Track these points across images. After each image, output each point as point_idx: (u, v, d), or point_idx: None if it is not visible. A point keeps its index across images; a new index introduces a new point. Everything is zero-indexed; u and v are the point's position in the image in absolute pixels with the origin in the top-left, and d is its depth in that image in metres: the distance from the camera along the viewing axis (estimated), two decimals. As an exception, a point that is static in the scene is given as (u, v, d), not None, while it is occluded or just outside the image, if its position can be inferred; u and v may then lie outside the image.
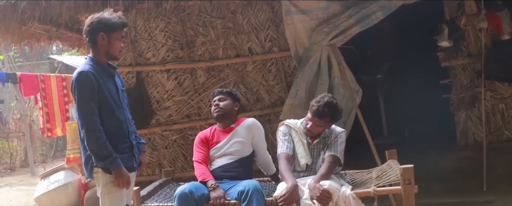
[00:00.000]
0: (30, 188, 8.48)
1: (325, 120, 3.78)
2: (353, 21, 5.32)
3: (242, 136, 4.01)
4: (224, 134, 4.05)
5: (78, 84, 3.13)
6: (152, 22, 6.04)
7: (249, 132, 4.03)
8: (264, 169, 4.22)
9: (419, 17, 6.89)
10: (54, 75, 9.38)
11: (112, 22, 3.22)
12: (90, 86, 3.12)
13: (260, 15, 5.91)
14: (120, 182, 3.16)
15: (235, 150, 3.97)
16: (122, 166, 3.15)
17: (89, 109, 3.10)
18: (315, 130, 3.82)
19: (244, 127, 4.04)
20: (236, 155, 3.97)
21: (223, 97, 4.09)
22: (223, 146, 4.00)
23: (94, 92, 3.13)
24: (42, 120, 8.96)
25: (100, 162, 3.12)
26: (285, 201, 3.46)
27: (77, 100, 3.13)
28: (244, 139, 4.00)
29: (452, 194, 5.24)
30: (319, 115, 3.75)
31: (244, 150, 4.00)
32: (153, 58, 6.09)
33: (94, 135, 3.09)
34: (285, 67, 5.93)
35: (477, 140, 5.75)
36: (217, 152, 4.01)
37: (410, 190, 3.43)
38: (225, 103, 4.07)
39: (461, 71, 5.84)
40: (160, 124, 6.14)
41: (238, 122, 4.10)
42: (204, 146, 4.05)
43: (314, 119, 3.78)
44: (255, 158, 4.13)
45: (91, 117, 3.10)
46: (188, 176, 5.74)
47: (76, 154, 6.32)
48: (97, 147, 3.10)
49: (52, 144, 12.82)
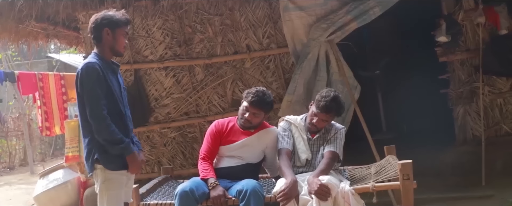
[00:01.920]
0: (29, 186, 8.48)
1: (331, 115, 3.82)
2: (351, 17, 5.32)
3: (258, 143, 3.92)
4: (242, 135, 3.91)
5: (86, 75, 3.15)
6: (150, 19, 6.03)
7: (265, 141, 3.95)
8: (268, 171, 4.19)
9: (416, 13, 6.88)
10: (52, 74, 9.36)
11: (116, 18, 3.28)
12: (97, 77, 3.15)
13: (258, 12, 5.91)
14: (134, 166, 3.24)
15: (246, 156, 3.91)
16: (134, 150, 3.24)
17: (98, 98, 3.13)
18: (320, 124, 3.84)
19: (263, 134, 3.94)
20: (244, 160, 3.90)
21: (259, 114, 3.83)
22: (236, 148, 3.90)
23: (101, 82, 3.16)
24: (41, 119, 8.95)
25: (115, 148, 3.14)
26: (284, 197, 3.47)
27: (86, 90, 3.14)
28: (259, 147, 3.94)
29: (451, 189, 5.25)
30: (327, 109, 3.77)
31: (254, 157, 3.95)
32: (151, 55, 6.08)
33: (105, 123, 3.11)
34: (283, 64, 5.93)
35: (476, 134, 5.76)
36: (228, 151, 3.92)
37: (409, 186, 3.44)
38: (258, 120, 3.87)
39: (459, 66, 5.84)
40: (159, 121, 6.14)
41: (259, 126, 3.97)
42: (216, 139, 3.92)
43: (321, 114, 3.79)
44: (263, 161, 4.07)
45: (100, 106, 3.12)
46: (187, 173, 5.75)
47: (75, 152, 6.32)
48: (109, 134, 3.12)
49: (51, 143, 12.82)
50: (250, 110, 3.80)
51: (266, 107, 3.85)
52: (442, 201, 5.05)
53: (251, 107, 3.79)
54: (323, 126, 3.87)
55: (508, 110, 5.80)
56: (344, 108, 3.95)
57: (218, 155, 3.97)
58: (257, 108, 3.79)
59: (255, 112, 3.80)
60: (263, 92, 3.83)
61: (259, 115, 3.84)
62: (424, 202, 4.82)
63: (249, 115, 3.81)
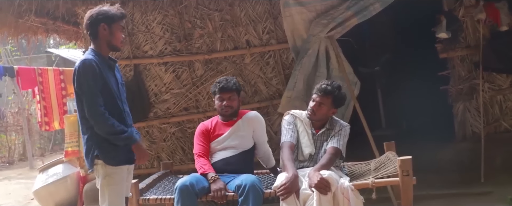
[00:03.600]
0: (29, 181, 8.49)
1: (328, 98, 3.78)
2: (351, 12, 5.30)
3: (244, 129, 4.00)
4: (226, 126, 4.03)
5: (83, 71, 3.16)
6: (150, 14, 6.02)
7: (250, 125, 4.02)
8: (263, 161, 4.23)
9: (417, 9, 6.87)
10: (52, 69, 9.37)
11: (112, 13, 3.28)
12: (93, 73, 3.16)
13: (258, 7, 5.89)
14: (141, 155, 3.30)
15: (237, 143, 3.97)
16: (139, 139, 3.32)
17: (95, 94, 3.15)
18: (318, 109, 3.80)
19: (246, 120, 4.03)
20: (237, 148, 3.96)
21: (233, 96, 4.00)
22: (225, 139, 3.98)
23: (97, 79, 3.17)
24: (40, 114, 8.95)
25: (120, 139, 3.19)
26: (284, 191, 3.46)
27: (83, 86, 3.16)
28: (246, 132, 4.01)
29: (450, 186, 5.26)
30: (325, 91, 3.76)
31: (245, 143, 4.00)
32: (150, 51, 6.07)
33: (103, 117, 3.13)
34: (283, 60, 5.92)
35: (475, 131, 5.76)
36: (218, 144, 3.99)
37: (408, 182, 3.43)
38: (235, 102, 4.02)
39: (459, 63, 5.83)
40: (158, 116, 6.14)
41: (239, 114, 4.08)
42: (205, 138, 4.03)
43: (318, 97, 3.78)
44: (255, 150, 4.13)
45: (97, 101, 3.14)
46: (187, 168, 5.75)
47: (75, 147, 6.32)
48: (109, 127, 3.15)
49: (50, 138, 12.84)
50: (224, 96, 3.97)
51: (234, 86, 4.02)
52: (441, 197, 5.06)
53: (223, 93, 3.97)
54: (321, 112, 3.81)
55: (508, 106, 5.80)
56: (345, 99, 3.93)
57: (211, 152, 4.03)
58: (228, 91, 3.98)
59: (229, 95, 3.97)
60: (225, 79, 4.07)
61: (234, 97, 4.00)
62: (423, 198, 4.83)
63: (226, 101, 3.95)
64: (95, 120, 3.14)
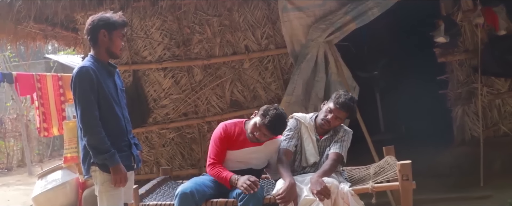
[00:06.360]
0: (28, 187, 8.46)
1: (346, 113, 3.81)
2: (350, 17, 5.32)
3: (265, 152, 3.87)
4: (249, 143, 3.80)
5: (79, 79, 3.14)
6: (148, 20, 6.03)
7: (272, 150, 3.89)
8: (270, 174, 4.18)
9: (415, 13, 6.89)
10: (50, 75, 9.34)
11: (113, 20, 3.27)
12: (90, 81, 3.14)
13: (257, 12, 5.90)
14: (117, 178, 3.15)
15: (252, 162, 3.87)
16: (120, 162, 3.15)
17: (90, 103, 3.12)
18: (334, 122, 3.81)
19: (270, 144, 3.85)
20: (249, 166, 3.87)
21: (268, 136, 3.70)
22: (243, 154, 3.81)
23: (94, 87, 3.15)
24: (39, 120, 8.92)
25: (99, 157, 3.11)
26: (282, 200, 3.46)
27: (78, 95, 3.14)
28: (266, 155, 3.90)
29: (450, 190, 5.26)
30: (345, 106, 3.76)
31: (260, 164, 3.94)
32: (149, 56, 6.08)
33: (94, 129, 3.10)
34: (282, 65, 5.93)
35: (474, 135, 5.77)
36: (235, 157, 3.83)
37: (408, 186, 3.44)
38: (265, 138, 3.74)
39: (457, 67, 5.85)
40: (157, 122, 6.13)
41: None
42: (224, 144, 3.78)
43: (337, 110, 3.77)
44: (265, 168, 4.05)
45: (91, 111, 3.12)
46: (186, 174, 5.74)
47: (74, 153, 6.30)
48: (96, 141, 3.10)
49: (49, 144, 12.80)
50: (263, 131, 3.65)
51: (279, 132, 3.76)
52: (441, 201, 5.05)
53: (265, 129, 3.65)
54: (335, 124, 3.82)
55: (507, 110, 5.82)
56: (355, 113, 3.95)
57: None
58: (269, 131, 3.67)
59: (266, 134, 3.68)
60: (280, 117, 3.66)
61: (268, 136, 3.73)
62: (422, 202, 4.81)
63: (259, 134, 3.69)
64: (85, 129, 3.11)
